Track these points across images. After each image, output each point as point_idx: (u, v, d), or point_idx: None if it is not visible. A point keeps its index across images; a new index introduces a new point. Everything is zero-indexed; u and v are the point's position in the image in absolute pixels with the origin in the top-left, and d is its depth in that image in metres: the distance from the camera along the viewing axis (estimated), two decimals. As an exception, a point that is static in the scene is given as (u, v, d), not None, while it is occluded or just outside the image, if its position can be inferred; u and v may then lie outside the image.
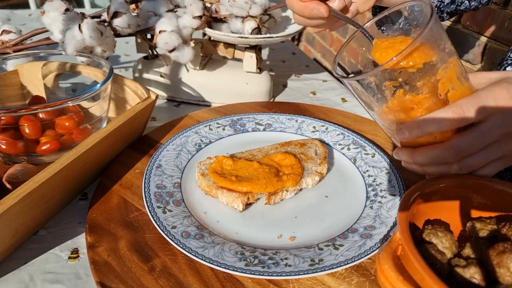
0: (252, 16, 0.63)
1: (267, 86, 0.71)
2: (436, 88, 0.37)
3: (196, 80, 0.70)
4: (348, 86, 0.40)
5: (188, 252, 0.37)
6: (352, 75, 0.41)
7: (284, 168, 0.47)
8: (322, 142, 0.55)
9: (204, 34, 0.75)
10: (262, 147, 0.52)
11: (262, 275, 0.35)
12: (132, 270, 0.36)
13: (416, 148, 0.40)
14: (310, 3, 0.43)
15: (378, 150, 0.53)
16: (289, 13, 0.74)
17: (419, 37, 0.34)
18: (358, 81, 0.38)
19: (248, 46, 0.68)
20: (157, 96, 0.53)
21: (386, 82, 0.37)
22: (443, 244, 0.33)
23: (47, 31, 0.60)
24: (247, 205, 0.45)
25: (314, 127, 0.59)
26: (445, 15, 0.55)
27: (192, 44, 0.68)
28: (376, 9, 0.60)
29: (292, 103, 0.69)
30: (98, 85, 0.47)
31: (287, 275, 0.35)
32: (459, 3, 0.50)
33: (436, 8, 0.50)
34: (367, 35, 0.43)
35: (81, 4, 1.57)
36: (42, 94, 0.57)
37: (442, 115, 0.36)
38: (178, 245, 0.37)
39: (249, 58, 0.68)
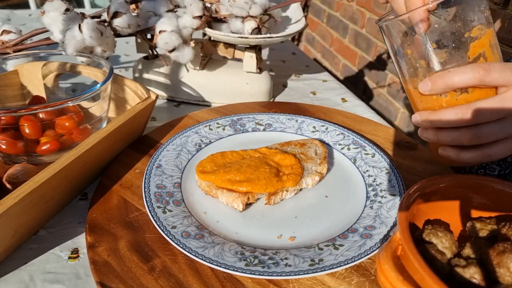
0: (252, 16, 0.63)
1: (267, 86, 0.71)
2: (467, 48, 0.38)
3: (196, 80, 0.70)
4: (391, 35, 0.41)
5: (188, 252, 0.37)
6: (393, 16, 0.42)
7: (284, 168, 0.47)
8: (322, 142, 0.55)
9: (204, 34, 0.75)
10: (261, 147, 0.52)
11: (262, 275, 0.35)
12: (132, 270, 0.36)
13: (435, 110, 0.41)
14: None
15: (378, 150, 0.53)
16: (289, 13, 0.74)
17: None
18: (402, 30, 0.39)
19: (248, 46, 0.68)
20: (157, 96, 0.53)
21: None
22: (443, 244, 0.33)
23: (47, 31, 0.60)
24: (247, 205, 0.45)
25: (314, 127, 0.59)
26: None
27: (192, 44, 0.68)
28: None
29: (292, 103, 0.69)
30: (98, 85, 0.47)
31: (287, 275, 0.35)
32: None
33: None
34: None
35: (81, 4, 1.57)
36: (42, 94, 0.57)
37: (468, 69, 0.37)
38: (178, 245, 0.37)
39: (249, 58, 0.68)
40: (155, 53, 0.70)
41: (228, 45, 0.69)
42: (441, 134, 0.42)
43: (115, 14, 0.58)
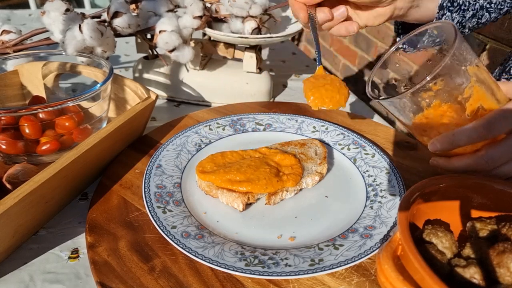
0: (252, 16, 0.63)
1: (267, 86, 0.71)
2: (464, 107, 0.38)
3: (196, 80, 0.70)
4: (383, 105, 0.41)
5: (188, 252, 0.37)
6: (384, 96, 0.43)
7: (284, 168, 0.47)
8: (322, 142, 0.55)
9: (204, 34, 0.75)
10: (261, 147, 0.52)
11: (262, 275, 0.35)
12: (132, 270, 0.36)
13: (450, 157, 0.42)
14: (296, 4, 0.47)
15: (378, 150, 0.53)
16: (289, 13, 0.74)
17: (444, 60, 0.35)
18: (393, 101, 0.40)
19: (248, 46, 0.68)
20: (157, 96, 0.53)
21: (420, 99, 0.39)
22: (443, 244, 0.33)
23: (47, 31, 0.60)
24: (247, 205, 0.45)
25: (314, 127, 0.59)
26: (466, 30, 0.55)
27: (192, 44, 0.68)
28: (398, 25, 0.59)
29: (292, 103, 0.69)
30: (98, 85, 0.47)
31: (287, 275, 0.35)
32: (480, 17, 0.50)
33: (458, 24, 0.51)
34: (317, 57, 0.48)
35: (81, 4, 1.57)
36: (42, 94, 0.57)
37: (472, 130, 0.38)
38: (178, 245, 0.37)
39: (249, 58, 0.68)
40: (155, 53, 0.70)
41: (228, 45, 0.69)
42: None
43: (115, 14, 0.58)
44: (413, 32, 0.44)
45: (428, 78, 0.36)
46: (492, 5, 0.50)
